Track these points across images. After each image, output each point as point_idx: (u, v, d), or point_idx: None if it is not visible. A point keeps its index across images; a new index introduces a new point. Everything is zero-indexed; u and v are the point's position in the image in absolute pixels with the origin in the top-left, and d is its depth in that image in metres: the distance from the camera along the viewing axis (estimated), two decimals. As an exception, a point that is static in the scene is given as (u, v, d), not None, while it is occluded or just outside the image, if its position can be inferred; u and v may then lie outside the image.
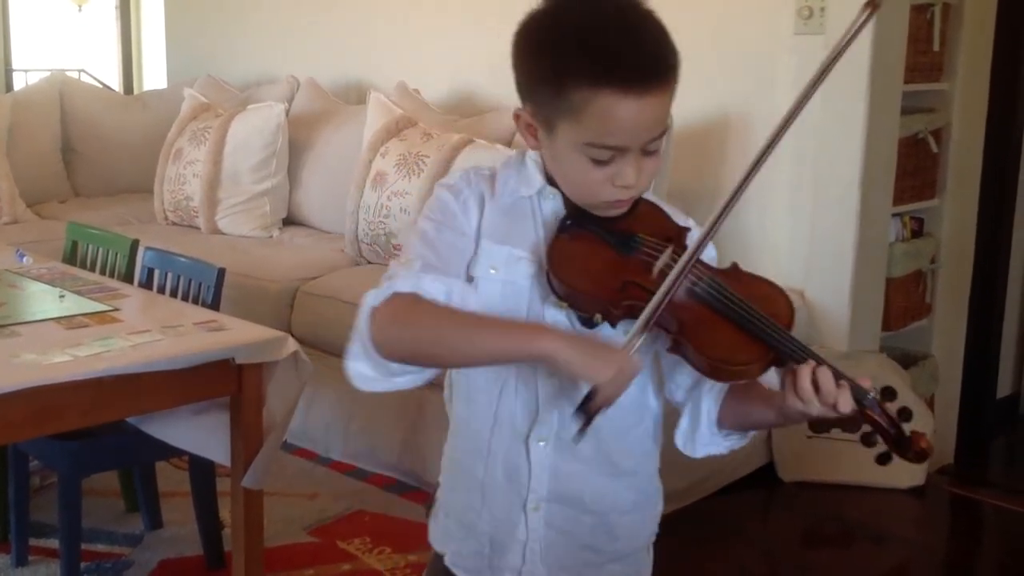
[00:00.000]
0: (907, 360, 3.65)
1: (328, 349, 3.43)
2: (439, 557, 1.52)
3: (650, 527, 1.52)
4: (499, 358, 1.31)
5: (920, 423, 3.59)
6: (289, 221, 4.45)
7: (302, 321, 3.58)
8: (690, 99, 3.76)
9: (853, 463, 3.41)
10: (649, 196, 1.39)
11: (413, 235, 1.40)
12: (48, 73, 5.42)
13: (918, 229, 3.81)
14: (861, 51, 3.28)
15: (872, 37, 3.27)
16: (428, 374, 1.36)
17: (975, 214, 3.89)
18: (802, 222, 3.49)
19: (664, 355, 1.36)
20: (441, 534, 1.52)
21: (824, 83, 1.41)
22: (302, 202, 4.43)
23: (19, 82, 6.46)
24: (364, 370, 1.34)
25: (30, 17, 6.86)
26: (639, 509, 1.48)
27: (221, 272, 2.71)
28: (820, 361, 1.27)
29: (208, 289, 2.70)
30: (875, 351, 3.53)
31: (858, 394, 1.26)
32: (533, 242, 1.35)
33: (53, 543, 2.80)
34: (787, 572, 3.04)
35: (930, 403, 3.68)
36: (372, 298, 1.31)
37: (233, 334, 2.35)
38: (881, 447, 1.29)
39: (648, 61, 1.26)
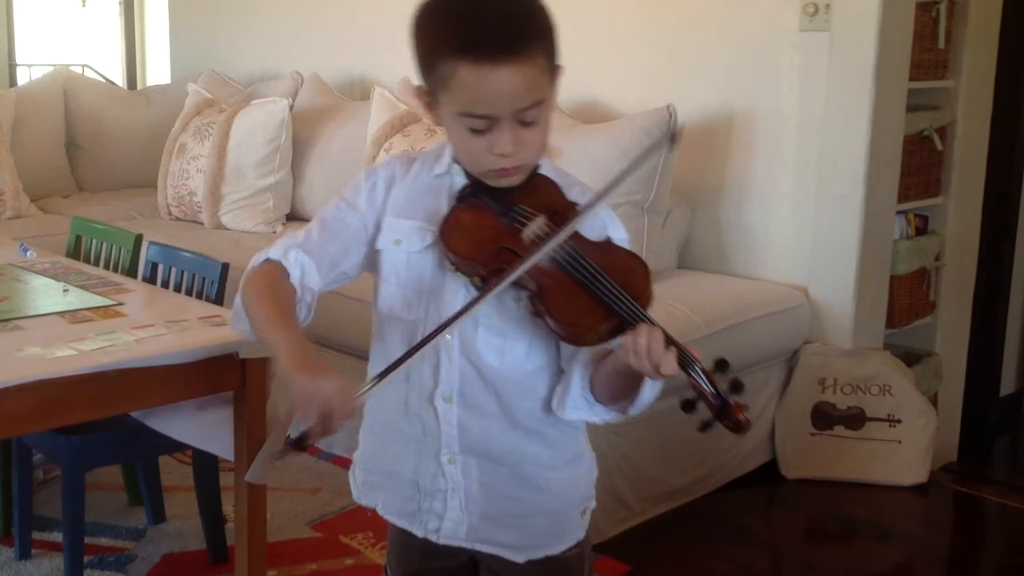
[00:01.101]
0: (911, 358, 3.65)
1: (331, 344, 3.42)
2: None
3: (581, 488, 1.59)
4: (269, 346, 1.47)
5: (921, 421, 3.60)
6: (292, 216, 4.45)
7: (305, 316, 3.58)
8: (694, 95, 3.78)
9: (856, 461, 3.41)
10: (549, 172, 1.49)
11: (322, 209, 1.57)
12: (52, 68, 5.41)
13: (922, 227, 3.81)
14: (866, 48, 3.28)
15: (877, 34, 3.26)
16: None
17: (980, 212, 3.89)
18: (806, 219, 3.49)
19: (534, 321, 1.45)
20: (367, 489, 1.62)
21: (829, 79, 1.43)
22: (306, 198, 4.44)
23: (23, 77, 6.45)
24: (235, 311, 1.52)
25: (34, 12, 6.86)
26: (559, 467, 1.55)
27: (225, 267, 2.71)
28: (655, 325, 1.34)
29: (212, 284, 2.70)
30: (879, 348, 3.53)
31: (685, 360, 1.33)
32: (435, 213, 1.46)
33: (56, 537, 2.80)
34: (790, 569, 3.04)
35: (934, 401, 3.68)
36: (257, 256, 1.52)
37: (237, 329, 2.34)
38: (704, 415, 1.34)
39: (503, 32, 1.34)
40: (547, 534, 1.56)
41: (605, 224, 1.48)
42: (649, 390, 1.41)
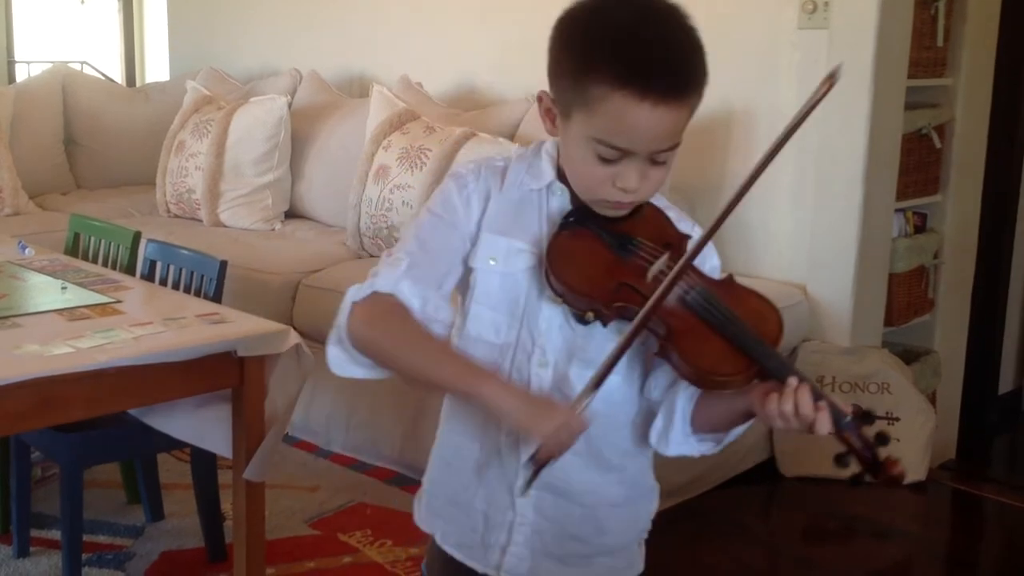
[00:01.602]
0: (909, 356, 3.65)
1: (322, 340, 3.42)
2: (433, 539, 1.55)
3: (642, 523, 1.55)
4: (446, 391, 1.41)
5: (920, 419, 3.60)
6: (291, 214, 4.45)
7: (304, 314, 3.58)
8: (693, 93, 3.77)
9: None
10: (655, 200, 1.41)
11: (411, 227, 1.43)
12: (51, 65, 5.41)
13: (921, 225, 3.81)
14: (865, 46, 3.28)
15: (876, 32, 3.26)
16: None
17: (978, 210, 3.88)
18: (805, 217, 3.49)
19: (643, 349, 1.38)
20: (427, 514, 1.56)
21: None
22: (304, 195, 4.43)
23: (22, 74, 6.45)
24: (339, 354, 1.40)
25: (33, 9, 6.86)
26: (630, 504, 1.51)
27: (223, 265, 2.71)
28: (802, 379, 1.28)
29: (210, 282, 2.70)
30: (877, 346, 3.53)
31: (835, 416, 1.27)
32: (536, 235, 1.38)
33: (55, 534, 2.80)
34: (788, 567, 3.05)
35: (932, 399, 3.68)
36: (353, 293, 1.37)
37: (235, 327, 2.34)
38: (854, 468, 1.30)
39: (673, 74, 1.28)
40: (611, 571, 1.52)
41: (704, 254, 1.38)
42: (746, 423, 1.38)
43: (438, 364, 1.34)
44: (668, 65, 1.27)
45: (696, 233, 1.41)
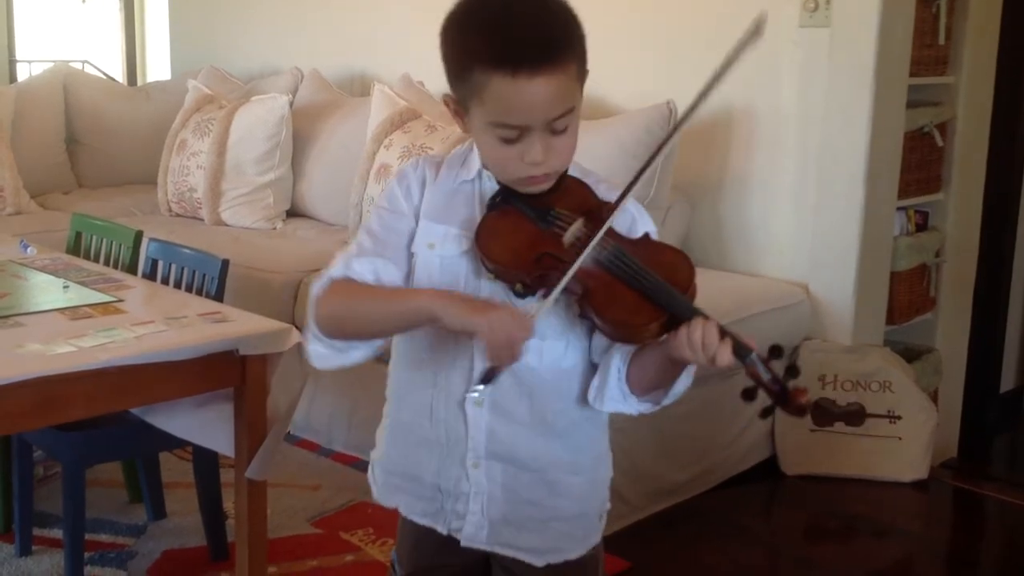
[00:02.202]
0: (911, 354, 3.65)
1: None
2: (400, 513, 1.62)
3: (599, 492, 1.61)
4: (401, 323, 1.45)
5: (921, 417, 3.60)
6: (293, 213, 4.45)
7: (306, 313, 3.58)
8: (694, 90, 3.76)
9: (856, 457, 3.41)
10: (576, 172, 1.48)
11: (361, 224, 1.57)
12: (52, 64, 5.40)
13: (923, 223, 3.81)
14: (866, 44, 3.28)
15: (878, 30, 3.26)
16: (374, 347, 1.51)
17: (980, 208, 3.88)
18: (806, 216, 3.49)
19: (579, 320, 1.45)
20: (387, 490, 1.63)
21: (829, 75, 1.44)
22: (306, 194, 4.43)
23: (23, 73, 6.44)
24: (318, 349, 1.51)
25: (34, 8, 6.85)
26: (583, 472, 1.56)
27: (225, 263, 2.71)
28: (708, 318, 1.34)
29: (212, 280, 2.70)
30: (879, 345, 3.53)
31: (740, 350, 1.33)
32: (470, 220, 1.46)
33: (57, 533, 2.80)
34: (789, 566, 3.05)
35: (934, 397, 3.68)
36: (316, 286, 1.48)
37: (237, 325, 2.35)
38: (763, 402, 1.35)
39: (538, 44, 1.33)
40: (567, 538, 1.57)
41: (635, 219, 1.48)
42: (684, 380, 1.42)
43: (384, 301, 1.44)
44: (530, 37, 1.33)
45: (615, 196, 1.47)
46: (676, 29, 3.67)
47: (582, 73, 1.39)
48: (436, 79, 4.89)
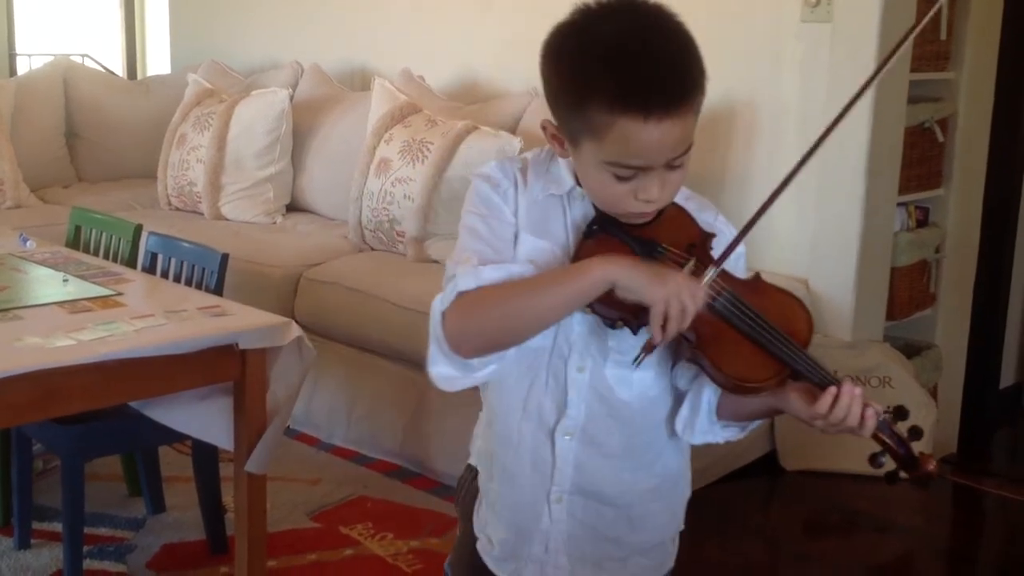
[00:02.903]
0: (911, 350, 3.65)
1: (331, 335, 3.43)
2: (472, 539, 1.53)
3: (678, 516, 1.55)
4: (568, 305, 1.31)
5: (924, 413, 3.58)
6: (292, 207, 4.44)
7: (305, 307, 3.58)
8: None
9: (856, 452, 3.40)
10: (676, 197, 1.39)
11: (463, 232, 1.40)
12: (52, 58, 5.40)
13: (923, 219, 3.80)
14: (867, 39, 3.27)
15: (879, 25, 3.26)
16: (504, 359, 1.38)
17: (980, 204, 3.88)
18: (807, 211, 3.48)
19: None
20: (482, 521, 1.53)
21: (830, 70, 1.43)
22: (306, 188, 4.43)
23: (23, 66, 6.44)
24: (446, 371, 1.37)
25: (34, 1, 6.85)
26: (663, 496, 1.50)
27: (225, 257, 2.71)
28: (839, 384, 1.29)
29: (211, 274, 2.70)
30: (879, 340, 3.53)
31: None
32: (563, 241, 1.37)
33: (56, 526, 2.80)
34: (789, 561, 3.05)
35: (933, 393, 3.68)
36: (439, 303, 1.34)
37: (236, 319, 2.35)
38: (889, 466, 1.31)
39: (671, 85, 1.26)
40: (645, 570, 1.52)
41: (730, 242, 1.38)
42: None
43: (544, 288, 1.30)
44: (664, 78, 1.25)
45: (719, 223, 1.42)
46: (682, 18, 3.66)
47: (701, 106, 1.32)
48: (436, 73, 4.92)
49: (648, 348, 1.28)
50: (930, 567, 3.10)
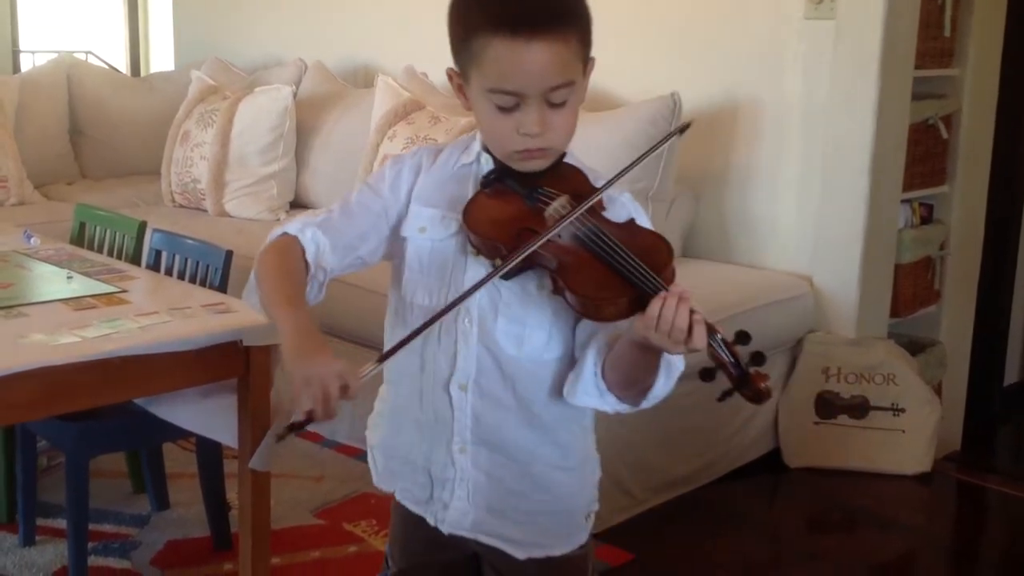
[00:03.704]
0: (915, 347, 3.64)
1: (335, 332, 3.42)
2: (395, 498, 1.63)
3: (587, 492, 1.59)
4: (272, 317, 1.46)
5: (925, 410, 3.59)
6: (296, 204, 4.45)
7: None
8: (699, 83, 3.77)
9: (859, 450, 3.41)
10: (574, 161, 1.49)
11: (345, 194, 1.57)
12: (56, 55, 5.40)
13: (927, 216, 3.80)
14: (872, 36, 3.27)
15: (883, 22, 3.25)
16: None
17: (984, 201, 3.88)
18: (811, 208, 3.48)
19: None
20: (387, 475, 1.63)
21: (834, 68, 1.44)
22: (309, 185, 4.43)
23: (26, 64, 6.44)
24: (250, 289, 1.51)
25: (38, -2, 6.85)
26: (570, 469, 1.55)
27: (229, 254, 2.71)
28: (681, 296, 1.32)
29: (216, 271, 2.70)
30: (883, 338, 3.53)
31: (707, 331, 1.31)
32: (460, 201, 1.46)
33: (60, 523, 2.81)
34: (792, 558, 3.04)
35: (937, 390, 3.68)
36: (275, 231, 1.51)
37: (241, 316, 2.34)
38: (724, 385, 1.33)
39: (539, 7, 1.35)
40: (551, 534, 1.56)
41: (630, 213, 1.48)
42: (663, 382, 1.40)
43: (275, 300, 1.44)
44: (535, 2, 1.35)
45: (613, 190, 1.48)
46: (680, 21, 3.66)
47: (584, 51, 1.39)
48: (440, 70, 4.88)
49: (293, 427, 1.32)
50: (933, 564, 3.10)
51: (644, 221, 1.48)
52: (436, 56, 4.61)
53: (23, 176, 4.54)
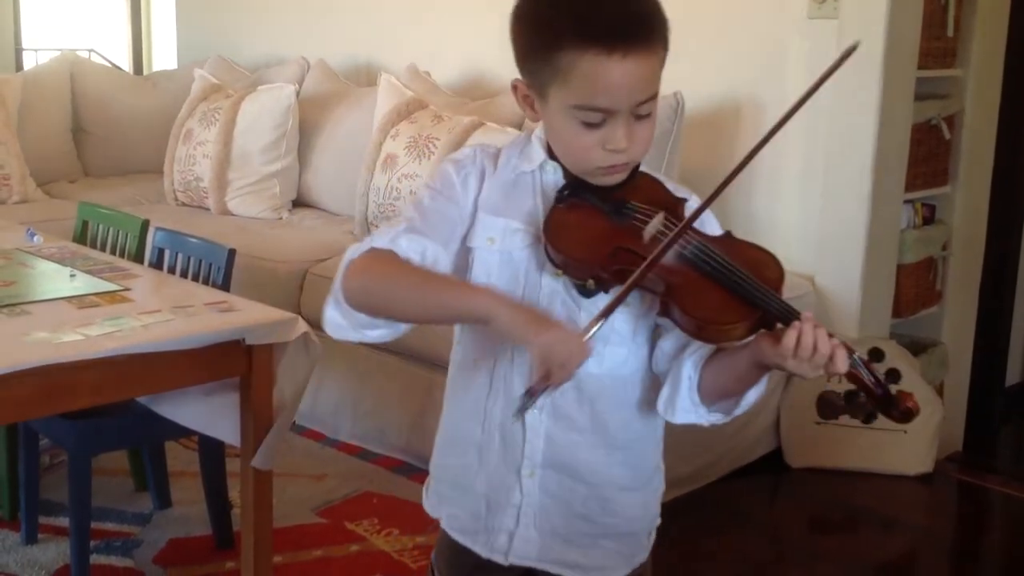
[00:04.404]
0: (917, 347, 3.64)
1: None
2: (440, 525, 1.56)
3: (651, 511, 1.55)
4: (444, 315, 1.39)
5: (927, 409, 3.59)
6: (299, 203, 4.45)
7: (312, 302, 3.58)
8: (702, 82, 3.77)
9: (861, 450, 3.41)
10: (648, 170, 1.43)
11: (411, 201, 1.48)
12: (59, 53, 5.41)
13: (929, 216, 3.80)
14: (875, 36, 3.27)
15: (886, 22, 3.25)
16: (398, 330, 1.42)
17: (987, 201, 3.87)
18: (813, 208, 3.48)
19: (650, 324, 1.40)
20: (435, 500, 1.57)
21: (837, 68, 1.42)
22: (312, 184, 4.43)
23: (30, 62, 6.45)
24: (336, 318, 1.40)
25: (41, -4, 6.86)
26: (637, 488, 1.51)
27: (231, 253, 2.71)
28: (817, 323, 1.28)
29: (218, 270, 2.70)
30: (885, 338, 3.53)
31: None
32: (532, 214, 1.40)
33: (63, 521, 2.81)
34: (794, 558, 3.05)
35: (939, 390, 3.68)
36: (352, 251, 1.39)
37: (243, 315, 2.35)
38: (867, 407, 1.30)
39: (631, 21, 1.30)
40: (615, 556, 1.52)
41: (703, 222, 1.39)
42: (757, 388, 1.36)
43: (434, 288, 1.35)
44: (627, 16, 1.30)
45: (692, 199, 1.43)
46: (683, 20, 3.64)
47: (664, 59, 1.35)
48: (442, 69, 4.91)
49: (529, 393, 1.27)
50: (935, 564, 3.10)
51: (715, 226, 1.42)
52: (439, 55, 4.63)
53: (26, 174, 4.54)
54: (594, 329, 1.28)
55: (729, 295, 1.30)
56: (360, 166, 3.93)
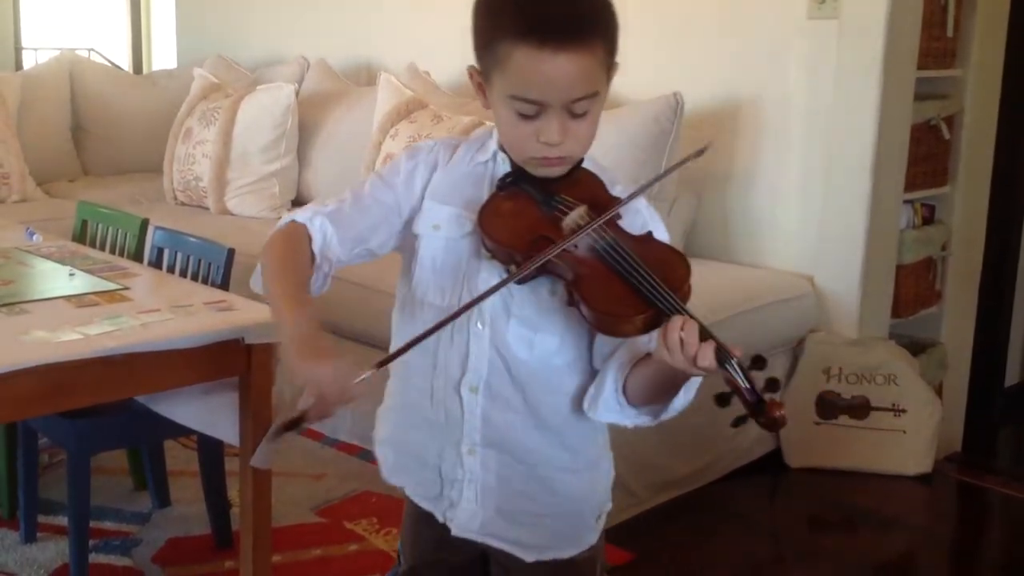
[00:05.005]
0: (916, 347, 3.64)
1: (337, 330, 3.42)
2: (405, 494, 1.63)
3: (597, 493, 1.59)
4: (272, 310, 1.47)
5: (926, 411, 3.59)
6: (298, 202, 4.44)
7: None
8: (702, 82, 3.77)
9: (860, 450, 3.41)
10: (592, 166, 1.47)
11: (358, 183, 1.56)
12: (58, 52, 5.41)
13: (929, 216, 3.80)
14: (875, 36, 3.27)
15: (886, 22, 3.25)
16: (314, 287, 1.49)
17: (986, 202, 3.87)
18: (813, 208, 3.48)
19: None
20: (396, 469, 1.63)
21: (837, 67, 1.44)
22: (311, 183, 4.43)
23: (29, 61, 6.46)
24: (257, 273, 1.51)
25: (40, -5, 6.86)
26: (579, 470, 1.54)
27: (231, 252, 2.71)
28: (692, 318, 1.31)
29: (218, 269, 2.70)
30: (884, 338, 3.53)
31: (721, 355, 1.29)
32: (476, 201, 1.45)
33: (62, 520, 2.81)
34: (793, 558, 3.05)
35: (938, 390, 3.68)
36: (283, 219, 1.51)
37: (243, 314, 2.35)
38: (738, 411, 1.32)
39: (570, 19, 1.32)
40: (560, 536, 1.55)
41: (646, 222, 1.46)
42: (683, 396, 1.39)
43: (277, 286, 1.43)
44: (564, 13, 1.33)
45: (641, 202, 1.47)
46: (683, 20, 3.66)
47: (610, 61, 1.37)
48: (442, 69, 4.91)
49: (289, 425, 1.33)
50: (934, 564, 3.10)
51: (661, 231, 1.46)
52: (439, 54, 4.63)
53: (25, 173, 4.54)
54: (363, 376, 1.31)
55: (630, 290, 1.34)
56: (359, 165, 3.93)
